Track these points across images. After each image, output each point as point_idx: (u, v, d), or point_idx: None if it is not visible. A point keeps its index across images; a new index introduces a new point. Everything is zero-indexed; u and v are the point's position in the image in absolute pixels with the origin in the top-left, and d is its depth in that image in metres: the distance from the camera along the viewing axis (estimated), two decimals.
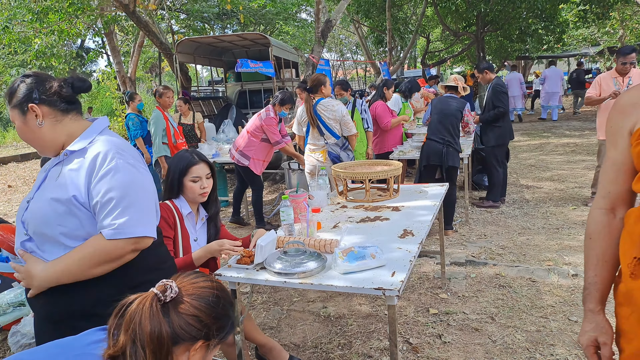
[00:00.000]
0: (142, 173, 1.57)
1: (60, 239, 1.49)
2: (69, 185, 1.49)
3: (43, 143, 1.57)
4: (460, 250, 4.25)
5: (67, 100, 1.57)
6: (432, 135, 4.70)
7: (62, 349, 1.07)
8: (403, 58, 18.89)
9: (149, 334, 1.02)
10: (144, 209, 1.53)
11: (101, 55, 16.59)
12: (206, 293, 1.14)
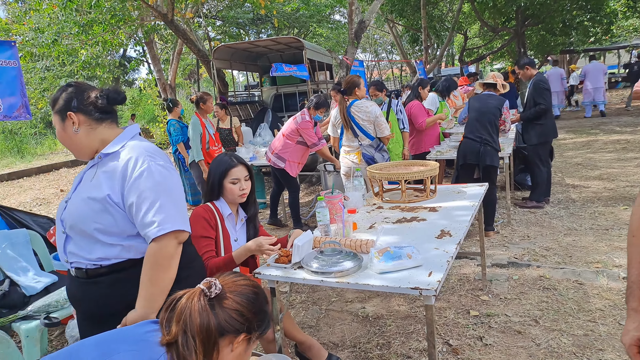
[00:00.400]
0: (172, 173, 1.66)
1: (95, 234, 1.59)
2: (103, 186, 1.58)
3: (78, 148, 1.68)
4: (502, 252, 4.15)
5: (102, 110, 1.67)
6: (469, 134, 4.61)
7: (123, 335, 1.17)
8: (439, 56, 18.60)
9: (199, 326, 1.12)
10: (177, 205, 1.62)
11: (142, 63, 17.17)
12: (246, 290, 1.23)
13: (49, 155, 18.55)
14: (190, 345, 1.11)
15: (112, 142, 1.68)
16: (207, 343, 1.13)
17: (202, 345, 1.12)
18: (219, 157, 2.48)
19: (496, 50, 19.16)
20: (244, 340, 1.21)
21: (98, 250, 1.60)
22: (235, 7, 13.56)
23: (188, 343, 1.11)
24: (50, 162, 15.07)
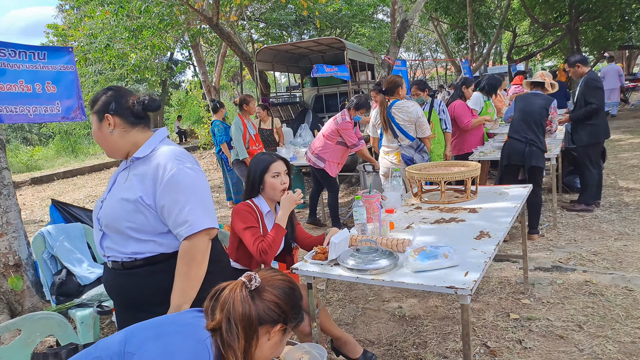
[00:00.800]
0: (199, 174, 1.77)
1: (128, 232, 1.72)
2: (136, 188, 1.70)
3: (111, 147, 1.80)
4: (546, 255, 4.04)
5: (137, 115, 1.79)
6: (513, 134, 4.50)
7: (172, 319, 1.28)
8: (486, 54, 18.16)
9: (241, 314, 1.22)
10: (206, 205, 1.73)
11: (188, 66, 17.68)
12: (283, 285, 1.32)
13: (101, 154, 19.43)
14: (233, 331, 1.21)
15: (143, 145, 1.79)
16: (248, 330, 1.22)
17: (244, 332, 1.22)
18: (258, 155, 2.58)
19: (547, 48, 18.49)
20: (279, 330, 1.29)
21: (132, 246, 1.73)
22: (278, 9, 13.75)
23: (231, 329, 1.21)
24: (102, 161, 15.79)
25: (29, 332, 1.97)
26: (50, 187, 11.80)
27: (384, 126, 4.55)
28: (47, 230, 3.39)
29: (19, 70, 3.62)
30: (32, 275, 3.71)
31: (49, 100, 3.81)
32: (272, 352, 1.32)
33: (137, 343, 1.18)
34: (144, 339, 1.19)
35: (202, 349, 1.18)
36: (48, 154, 19.17)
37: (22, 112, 3.64)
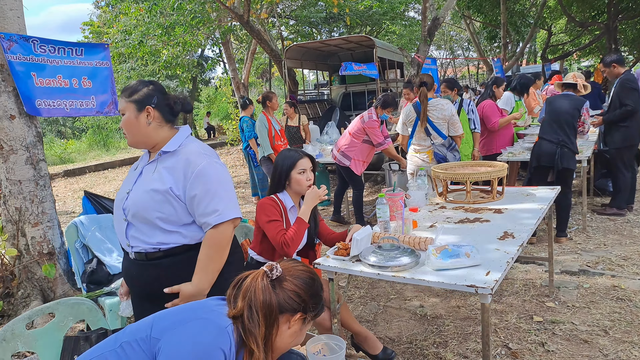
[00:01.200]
0: (224, 168, 1.89)
1: (156, 222, 1.80)
2: (165, 179, 1.79)
3: (141, 138, 1.88)
4: (574, 259, 3.96)
5: (173, 113, 1.91)
6: (544, 135, 4.42)
7: (195, 306, 1.33)
8: (519, 53, 17.76)
9: (262, 302, 1.27)
10: (232, 196, 1.85)
11: (218, 63, 17.92)
12: (304, 275, 1.36)
13: (132, 149, 19.91)
14: (254, 318, 1.26)
15: (170, 141, 1.88)
16: (268, 317, 1.27)
17: (265, 319, 1.26)
18: (284, 151, 2.63)
19: (584, 47, 17.97)
20: (299, 319, 1.34)
21: (158, 236, 1.81)
22: (309, 6, 13.79)
23: (252, 317, 1.26)
24: (132, 155, 16.18)
25: (63, 316, 2.07)
26: (82, 180, 12.18)
27: (421, 122, 4.52)
28: (80, 220, 3.52)
29: (58, 66, 3.76)
30: (64, 263, 3.86)
31: (84, 95, 3.94)
32: (292, 340, 1.36)
33: (163, 329, 1.24)
34: (169, 324, 1.24)
35: (224, 335, 1.22)
36: (81, 147, 19.78)
37: (60, 106, 3.78)
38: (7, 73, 3.48)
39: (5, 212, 3.68)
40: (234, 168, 12.00)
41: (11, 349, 1.87)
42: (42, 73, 3.64)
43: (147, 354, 1.21)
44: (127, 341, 1.25)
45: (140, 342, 1.23)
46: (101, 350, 1.27)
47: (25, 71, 3.54)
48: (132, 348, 1.23)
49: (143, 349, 1.22)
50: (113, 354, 1.23)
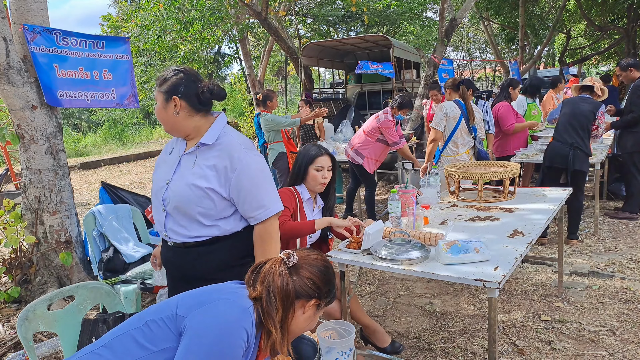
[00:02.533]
0: (263, 158, 1.86)
1: (196, 216, 1.80)
2: (209, 177, 1.78)
3: (173, 127, 1.87)
4: (584, 261, 3.96)
5: (203, 102, 1.84)
6: (558, 136, 4.41)
7: (219, 288, 1.40)
8: (537, 56, 17.58)
9: (280, 287, 1.34)
10: (274, 189, 1.86)
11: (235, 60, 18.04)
12: (319, 263, 1.43)
13: (146, 143, 20.16)
14: (272, 302, 1.32)
15: (208, 132, 1.84)
16: (285, 302, 1.33)
17: (282, 303, 1.33)
18: (308, 146, 2.67)
19: (603, 51, 17.74)
20: (314, 305, 1.40)
21: (196, 229, 1.83)
22: (327, 4, 13.84)
23: (271, 301, 1.32)
24: (147, 149, 16.37)
25: (82, 299, 2.14)
26: (97, 173, 12.37)
27: (472, 118, 4.53)
28: (98, 209, 3.61)
29: (79, 58, 3.86)
30: (81, 252, 3.95)
31: (105, 87, 4.04)
32: (305, 324, 1.42)
33: (188, 308, 1.30)
34: (195, 304, 1.31)
35: (247, 315, 1.29)
36: (96, 140, 20.06)
37: (81, 97, 3.88)
38: (29, 64, 3.57)
39: (25, 200, 3.78)
40: None
41: (33, 328, 1.95)
42: (64, 64, 3.73)
43: (173, 332, 1.26)
44: (153, 319, 1.30)
45: (166, 320, 1.28)
46: (126, 328, 1.32)
47: (47, 62, 3.63)
48: (157, 325, 1.28)
49: (169, 327, 1.27)
50: (139, 332, 1.28)
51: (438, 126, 4.53)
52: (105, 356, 1.26)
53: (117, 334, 1.31)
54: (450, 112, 4.51)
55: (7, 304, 3.72)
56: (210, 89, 1.84)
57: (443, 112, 4.53)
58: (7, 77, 3.45)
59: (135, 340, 1.27)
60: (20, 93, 3.51)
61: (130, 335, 1.28)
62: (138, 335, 1.28)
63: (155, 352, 1.24)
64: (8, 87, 3.47)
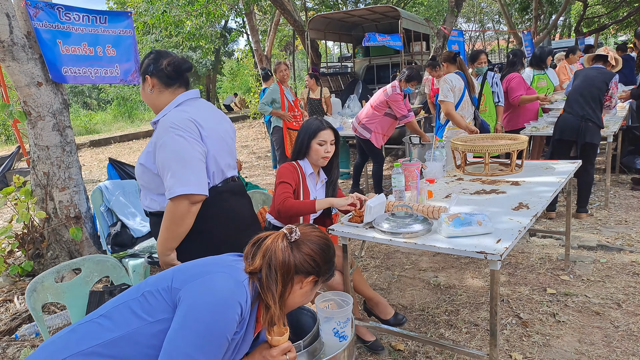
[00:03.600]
0: (189, 142, 1.81)
1: (149, 191, 1.97)
2: (146, 154, 1.90)
3: (152, 105, 2.01)
4: (592, 235, 3.93)
5: (169, 76, 1.92)
6: (568, 108, 4.32)
7: (215, 260, 1.41)
8: (551, 26, 17.13)
9: (281, 262, 1.35)
10: (191, 171, 1.79)
11: (242, 35, 17.82)
12: (320, 241, 1.44)
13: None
14: (272, 276, 1.34)
15: (163, 109, 1.93)
16: (285, 276, 1.35)
17: (282, 278, 1.34)
18: (310, 119, 2.65)
19: (622, 20, 17.19)
20: (311, 281, 1.41)
21: (146, 201, 2.00)
22: None
23: (271, 275, 1.34)
24: None
25: (88, 272, 2.18)
26: (107, 150, 12.45)
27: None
28: (105, 185, 3.64)
29: (83, 34, 3.83)
30: (90, 227, 4.00)
31: (109, 63, 4.02)
32: (301, 299, 1.43)
33: (183, 280, 1.32)
34: (189, 276, 1.32)
35: (241, 288, 1.30)
36: (106, 118, 20.14)
37: (85, 73, 3.87)
38: (33, 40, 3.56)
39: (34, 176, 3.83)
40: (256, 141, 12.09)
41: (41, 300, 2.00)
42: (67, 40, 3.71)
43: (169, 303, 1.29)
44: (149, 290, 1.32)
45: (162, 292, 1.31)
46: (124, 298, 1.35)
47: (51, 38, 3.61)
48: (154, 297, 1.30)
49: (165, 298, 1.29)
50: (136, 302, 1.31)
51: (447, 97, 4.40)
52: (104, 325, 1.29)
53: (116, 303, 1.34)
54: (456, 82, 4.42)
55: (22, 277, 3.81)
56: (172, 62, 1.92)
57: (449, 85, 4.43)
58: (11, 53, 3.44)
59: (132, 310, 1.30)
60: (25, 70, 3.51)
61: (128, 306, 1.31)
62: (135, 305, 1.30)
63: (151, 322, 1.27)
64: (13, 63, 3.47)
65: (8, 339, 3.01)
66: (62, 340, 1.31)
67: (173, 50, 18.60)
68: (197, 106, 1.96)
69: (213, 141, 1.91)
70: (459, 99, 4.46)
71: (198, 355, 1.20)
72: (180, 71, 1.94)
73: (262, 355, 1.41)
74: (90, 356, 1.24)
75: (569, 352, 2.42)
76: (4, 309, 3.40)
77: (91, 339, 1.26)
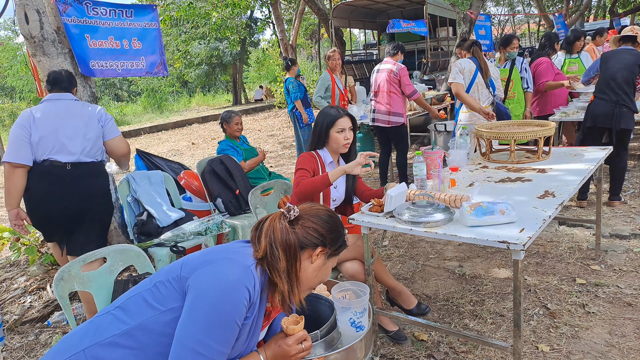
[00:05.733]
0: (16, 125, 2.73)
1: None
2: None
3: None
4: (625, 223, 3.79)
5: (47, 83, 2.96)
6: (600, 94, 4.15)
7: (221, 249, 1.42)
8: (584, 7, 16.51)
9: (280, 240, 1.37)
10: (14, 144, 2.69)
11: (268, 24, 17.81)
12: (321, 213, 1.46)
13: (184, 111, 20.47)
14: (275, 254, 1.36)
15: None
16: (288, 252, 1.37)
17: (284, 254, 1.36)
18: (326, 108, 2.63)
19: None
20: (321, 253, 1.41)
21: None
22: None
23: (274, 253, 1.36)
24: (184, 117, 16.63)
25: (113, 261, 2.23)
26: (137, 141, 12.71)
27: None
28: (132, 175, 3.71)
29: (109, 28, 3.90)
30: (119, 217, 4.08)
31: (135, 56, 4.08)
32: (316, 274, 1.43)
33: (191, 268, 1.34)
34: (197, 264, 1.34)
35: (248, 273, 1.31)
36: (136, 110, 20.56)
37: (111, 67, 3.94)
38: (63, 35, 3.64)
39: None
40: (281, 130, 12.13)
41: (68, 288, 2.06)
42: (95, 35, 3.78)
43: (179, 292, 1.31)
44: (161, 280, 1.36)
45: (172, 281, 1.34)
46: (138, 290, 1.39)
47: (79, 33, 3.69)
48: (165, 286, 1.33)
49: (175, 287, 1.32)
50: (149, 293, 1.35)
51: (455, 79, 4.40)
52: (120, 316, 1.33)
53: (131, 295, 1.38)
54: (466, 65, 4.40)
55: (54, 266, 3.94)
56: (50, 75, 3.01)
57: (458, 67, 4.43)
58: (42, 48, 3.53)
59: (145, 300, 1.33)
60: (56, 64, 3.59)
61: (142, 297, 1.35)
62: (148, 296, 1.34)
63: (163, 311, 1.29)
64: (44, 58, 3.55)
65: (41, 326, 3.12)
66: (81, 331, 1.36)
67: (199, 42, 18.76)
68: (48, 104, 2.86)
69: (40, 130, 2.73)
70: (469, 82, 4.41)
71: (208, 341, 1.22)
72: (52, 81, 2.97)
73: (277, 344, 1.42)
74: (108, 346, 1.27)
75: (598, 343, 2.35)
76: (37, 297, 3.53)
77: (108, 330, 1.30)
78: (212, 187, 3.87)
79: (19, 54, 20.75)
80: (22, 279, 3.88)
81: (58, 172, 2.78)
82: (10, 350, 2.85)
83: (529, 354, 2.33)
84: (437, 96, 7.21)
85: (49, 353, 1.36)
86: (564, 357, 2.29)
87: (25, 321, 3.18)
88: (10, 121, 16.37)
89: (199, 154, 9.80)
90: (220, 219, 3.44)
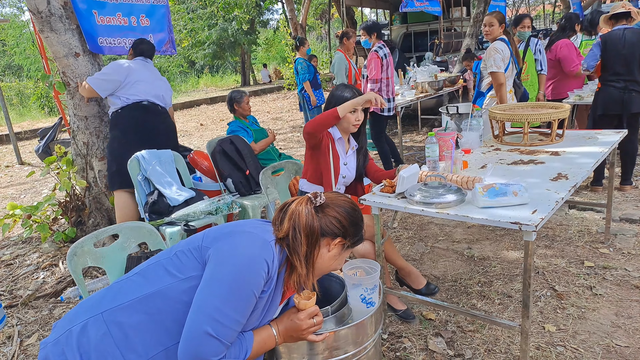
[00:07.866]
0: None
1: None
2: None
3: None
4: (636, 207, 3.76)
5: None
6: (607, 80, 4.01)
7: (243, 223, 1.45)
8: None
9: (305, 224, 1.39)
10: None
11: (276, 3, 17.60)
12: (345, 204, 1.47)
13: (192, 92, 20.42)
14: (297, 238, 1.38)
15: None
16: (310, 238, 1.39)
17: (306, 239, 1.38)
18: (340, 87, 2.62)
19: None
20: (339, 244, 1.44)
21: None
22: None
23: (296, 237, 1.38)
24: (193, 98, 16.60)
25: (126, 238, 2.26)
26: None
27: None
28: (142, 154, 3.71)
29: (117, 4, 3.87)
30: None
31: (143, 33, 4.05)
32: (331, 263, 1.46)
33: (213, 239, 1.37)
34: (218, 236, 1.38)
35: (267, 247, 1.34)
36: None
37: (120, 44, 3.92)
38: (70, 11, 3.61)
39: (74, 146, 3.96)
40: (290, 112, 12.08)
41: (82, 264, 2.09)
42: (102, 11, 3.76)
43: (199, 261, 1.34)
44: (182, 250, 1.39)
45: (193, 251, 1.37)
46: (158, 258, 1.42)
47: (87, 9, 3.66)
48: (185, 256, 1.37)
49: (195, 257, 1.35)
50: (169, 261, 1.38)
51: (500, 68, 3.99)
52: (138, 282, 1.36)
53: (150, 262, 1.42)
54: (506, 51, 4.05)
55: (65, 244, 4.00)
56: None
57: (500, 53, 4.01)
58: (49, 24, 3.51)
59: (165, 268, 1.36)
60: (63, 40, 3.59)
61: (161, 264, 1.38)
62: (168, 264, 1.37)
63: (182, 279, 1.32)
64: (51, 34, 3.54)
65: (54, 301, 3.18)
66: (98, 296, 1.39)
67: (207, 22, 18.57)
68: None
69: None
70: (505, 67, 4.15)
71: (226, 309, 1.25)
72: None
73: (289, 318, 1.44)
74: (125, 310, 1.30)
75: (604, 324, 2.36)
76: (50, 273, 3.59)
77: (126, 295, 1.33)
78: (223, 167, 3.88)
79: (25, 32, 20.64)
80: (34, 255, 3.94)
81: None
82: (25, 324, 2.91)
83: (535, 333, 2.34)
84: (449, 78, 7.12)
85: (68, 315, 1.39)
86: (570, 337, 2.30)
87: (39, 296, 3.24)
88: (18, 100, 16.37)
89: (208, 134, 9.81)
90: (231, 199, 3.45)
